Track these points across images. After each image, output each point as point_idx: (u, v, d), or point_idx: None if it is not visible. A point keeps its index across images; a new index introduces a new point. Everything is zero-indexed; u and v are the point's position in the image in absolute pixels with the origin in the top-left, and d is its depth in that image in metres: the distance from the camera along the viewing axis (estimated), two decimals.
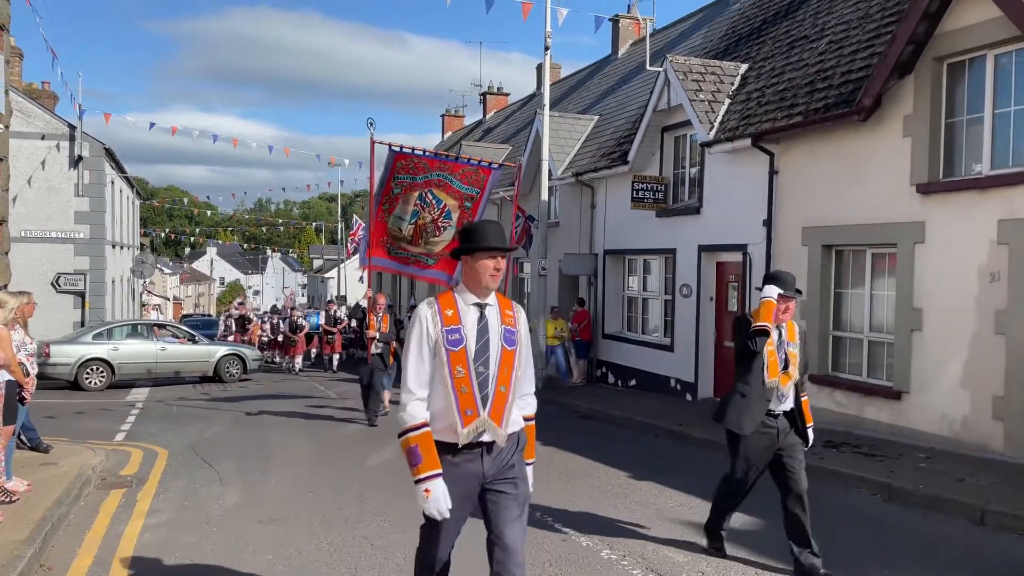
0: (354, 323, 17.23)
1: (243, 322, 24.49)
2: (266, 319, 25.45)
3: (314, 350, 23.89)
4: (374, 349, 11.95)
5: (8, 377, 6.90)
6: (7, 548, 5.49)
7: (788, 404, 5.40)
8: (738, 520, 6.70)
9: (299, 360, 22.10)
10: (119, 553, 5.85)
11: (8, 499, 6.68)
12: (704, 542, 5.90)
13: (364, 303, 12.52)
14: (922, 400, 9.46)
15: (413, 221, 12.14)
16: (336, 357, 21.71)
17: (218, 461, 9.12)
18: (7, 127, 10.16)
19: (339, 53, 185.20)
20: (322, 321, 22.63)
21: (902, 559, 5.79)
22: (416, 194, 12.01)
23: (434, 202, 12.14)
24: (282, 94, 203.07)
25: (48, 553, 5.82)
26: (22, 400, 7.52)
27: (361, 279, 12.71)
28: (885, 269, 10.31)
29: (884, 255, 10.31)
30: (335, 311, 22.38)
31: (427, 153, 12.29)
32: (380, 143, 12.46)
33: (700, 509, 7.05)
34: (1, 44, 9.52)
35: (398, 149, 11.99)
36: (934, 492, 7.19)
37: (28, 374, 7.57)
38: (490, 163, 12.52)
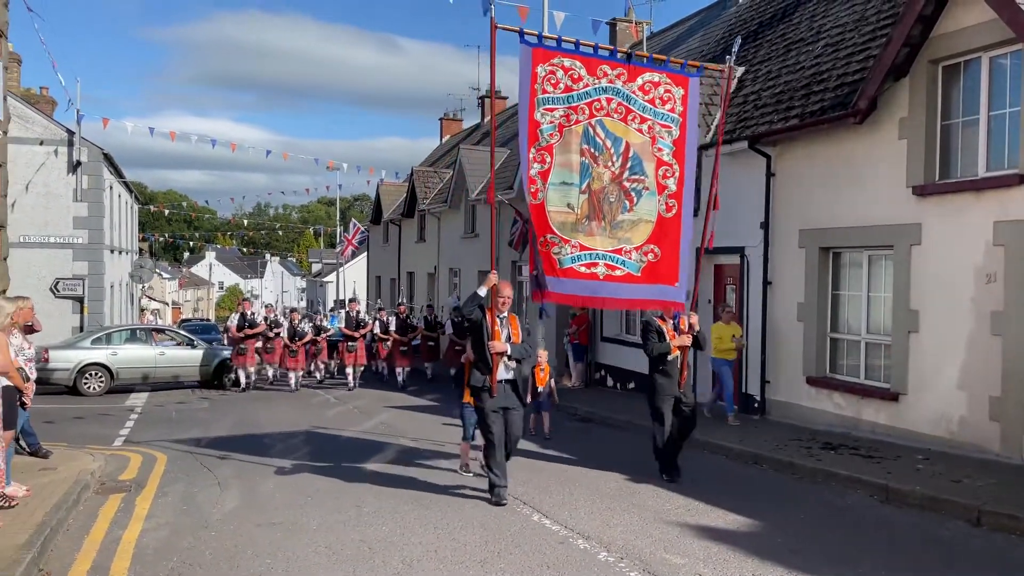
0: (446, 323, 14.34)
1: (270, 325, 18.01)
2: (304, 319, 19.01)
3: (333, 362, 18.81)
4: (502, 372, 7.35)
5: (6, 383, 6.92)
6: (6, 553, 5.51)
7: None
8: (735, 522, 6.73)
9: (301, 374, 17.71)
10: (118, 557, 5.87)
11: (7, 504, 6.70)
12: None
13: (482, 292, 7.47)
14: (919, 402, 9.48)
15: (585, 185, 7.47)
16: (358, 371, 17.64)
17: (217, 466, 9.14)
18: (6, 133, 10.21)
19: (331, 57, 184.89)
20: (341, 325, 18.24)
21: (899, 560, 5.80)
22: (580, 130, 7.36)
23: (609, 145, 7.45)
24: (275, 99, 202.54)
25: (47, 557, 5.83)
26: (23, 404, 7.55)
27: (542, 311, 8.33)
28: (882, 271, 10.34)
29: (881, 257, 10.34)
30: (357, 312, 18.20)
31: (582, 48, 7.44)
32: (506, 28, 7.38)
33: (699, 511, 7.07)
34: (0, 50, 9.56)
35: (535, 40, 7.43)
36: (931, 493, 7.21)
37: (28, 379, 7.59)
38: (683, 64, 7.91)
